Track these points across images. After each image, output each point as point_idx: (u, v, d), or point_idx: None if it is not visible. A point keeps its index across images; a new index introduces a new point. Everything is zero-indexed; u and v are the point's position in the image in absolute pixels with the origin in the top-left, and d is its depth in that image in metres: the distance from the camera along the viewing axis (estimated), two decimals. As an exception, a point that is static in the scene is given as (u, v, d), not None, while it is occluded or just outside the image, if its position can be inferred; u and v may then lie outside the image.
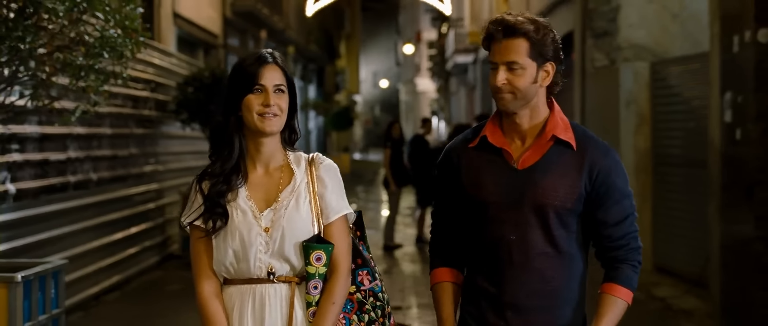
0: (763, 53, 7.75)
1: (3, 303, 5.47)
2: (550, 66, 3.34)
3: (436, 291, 3.51)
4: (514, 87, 3.29)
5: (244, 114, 3.29)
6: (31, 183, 8.67)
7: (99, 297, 10.20)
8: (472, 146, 3.45)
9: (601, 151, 3.36)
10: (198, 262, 3.33)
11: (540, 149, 3.36)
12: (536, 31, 3.29)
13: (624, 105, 11.66)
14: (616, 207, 3.34)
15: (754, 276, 7.85)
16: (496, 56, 3.32)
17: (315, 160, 3.43)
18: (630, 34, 12.54)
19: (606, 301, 3.34)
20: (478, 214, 3.40)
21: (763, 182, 7.80)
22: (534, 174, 3.34)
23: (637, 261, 3.39)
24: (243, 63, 3.32)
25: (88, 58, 5.70)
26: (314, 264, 3.30)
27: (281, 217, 3.29)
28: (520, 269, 3.34)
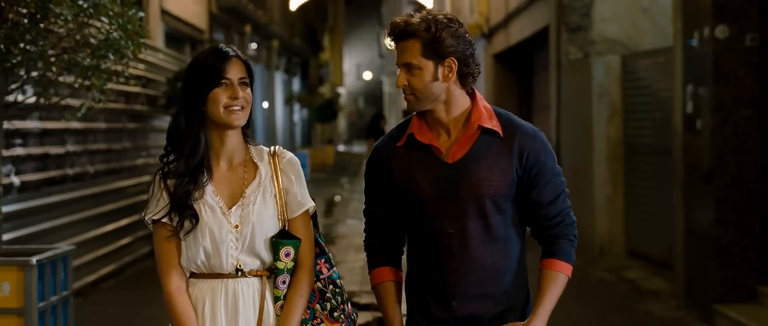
0: (721, 49, 8.30)
1: (20, 285, 5.97)
2: (451, 62, 3.32)
3: (379, 292, 3.54)
4: (414, 87, 3.34)
5: (209, 108, 3.27)
6: (33, 176, 9.15)
7: (96, 285, 10.68)
8: (400, 144, 3.47)
9: (529, 134, 3.40)
10: (165, 258, 3.32)
11: (467, 141, 3.39)
12: (427, 29, 3.29)
13: (596, 97, 12.19)
14: (549, 187, 3.40)
15: (714, 256, 8.40)
16: (397, 58, 3.37)
17: (277, 153, 3.43)
18: (603, 28, 13.04)
19: (547, 276, 3.41)
20: (415, 211, 3.43)
21: (720, 169, 8.36)
22: (465, 166, 3.37)
23: (573, 235, 3.47)
24: (205, 57, 3.30)
25: (94, 58, 6.19)
26: (283, 260, 3.33)
27: (250, 213, 3.31)
28: (461, 259, 3.38)
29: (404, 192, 3.43)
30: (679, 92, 9.14)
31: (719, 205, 8.36)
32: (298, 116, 42.34)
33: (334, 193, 24.41)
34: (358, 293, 10.02)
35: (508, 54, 19.64)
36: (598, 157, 12.11)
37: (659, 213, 10.96)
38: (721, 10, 8.29)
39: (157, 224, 3.32)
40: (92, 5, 6.12)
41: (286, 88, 38.36)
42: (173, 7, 17.44)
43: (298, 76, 42.90)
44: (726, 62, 8.30)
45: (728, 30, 8.28)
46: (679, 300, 9.20)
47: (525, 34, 16.86)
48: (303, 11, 37.64)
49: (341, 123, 66.12)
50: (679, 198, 9.21)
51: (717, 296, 8.36)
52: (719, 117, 8.33)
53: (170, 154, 3.35)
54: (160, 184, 3.33)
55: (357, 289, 10.33)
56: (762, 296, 8.26)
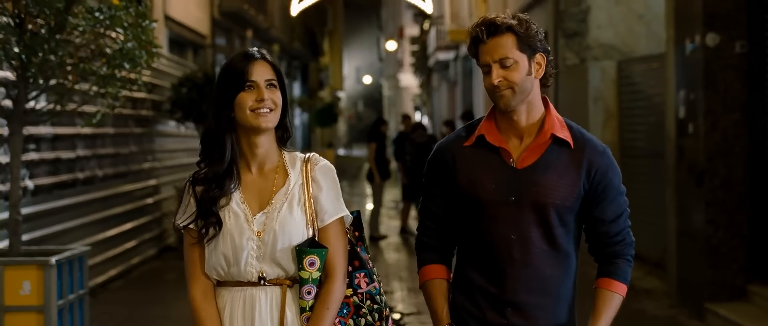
0: (711, 55, 8.60)
1: (40, 283, 6.26)
2: (540, 57, 3.33)
3: (428, 288, 3.48)
4: (511, 82, 3.27)
5: (236, 113, 3.24)
6: (45, 180, 9.44)
7: (105, 285, 10.96)
8: (468, 144, 3.43)
9: (599, 150, 3.38)
10: (191, 265, 3.29)
11: (539, 148, 3.35)
12: (520, 24, 3.28)
13: (592, 101, 12.48)
14: (613, 205, 3.37)
15: (705, 256, 8.70)
16: (486, 57, 3.30)
17: (310, 160, 3.36)
18: (599, 34, 13.34)
19: (603, 296, 3.38)
20: (476, 213, 3.38)
21: (711, 171, 8.65)
22: (534, 173, 3.33)
23: (631, 255, 3.44)
24: (232, 62, 3.27)
25: (110, 67, 6.49)
26: (307, 269, 3.24)
27: (273, 221, 3.25)
28: (520, 267, 3.34)
29: (467, 193, 3.38)
30: (672, 97, 9.44)
31: (710, 207, 8.65)
32: (299, 120, 42.63)
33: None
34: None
35: (506, 58, 19.91)
36: (594, 160, 12.38)
37: (654, 215, 11.23)
38: (712, 19, 8.59)
39: (185, 230, 3.29)
40: (108, 17, 6.42)
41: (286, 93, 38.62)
42: (176, 13, 17.72)
43: (298, 80, 43.19)
44: (716, 68, 8.59)
45: (718, 37, 8.58)
46: (671, 298, 9.49)
47: (523, 40, 17.15)
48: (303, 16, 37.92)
49: (341, 126, 66.38)
50: (671, 200, 9.51)
51: (708, 294, 8.65)
52: (709, 121, 8.63)
53: (204, 159, 3.32)
54: (189, 190, 3.30)
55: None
56: (751, 294, 8.55)
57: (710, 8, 8.58)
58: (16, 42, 6.24)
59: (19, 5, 6.22)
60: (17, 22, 6.25)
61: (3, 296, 6.24)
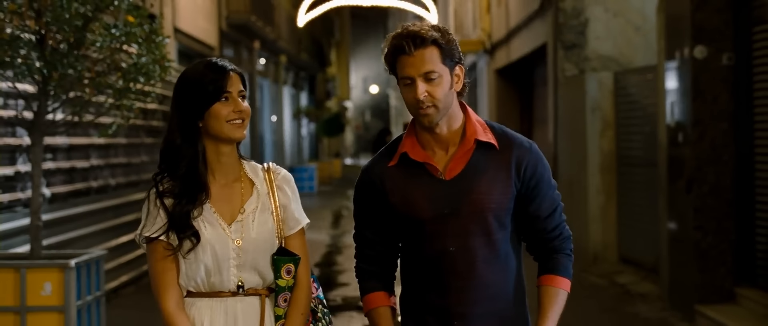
0: (699, 67, 8.96)
1: (60, 285, 6.64)
2: (459, 69, 3.28)
3: (374, 317, 3.43)
4: (435, 98, 3.22)
5: (209, 124, 3.22)
6: (61, 188, 9.83)
7: (117, 291, 11.33)
8: (392, 165, 3.37)
9: (525, 147, 3.35)
10: (162, 277, 3.23)
11: (464, 156, 3.31)
12: (442, 36, 3.23)
13: (590, 111, 12.84)
14: (547, 200, 3.35)
15: (694, 260, 9.05)
16: (409, 69, 3.23)
17: (272, 169, 3.39)
18: (597, 46, 13.68)
19: (548, 293, 3.35)
20: (415, 231, 3.33)
21: (699, 179, 9.01)
22: (465, 182, 3.29)
23: (570, 249, 3.41)
24: (203, 73, 3.23)
25: (126, 81, 6.88)
26: (284, 277, 3.29)
27: (250, 230, 3.27)
28: (464, 278, 3.30)
29: (402, 213, 3.34)
30: (663, 107, 9.80)
31: (698, 213, 9.01)
32: (306, 130, 43.00)
33: (341, 206, 25.10)
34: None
35: (509, 69, 20.29)
36: (591, 169, 12.75)
37: (649, 222, 11.57)
38: (700, 32, 8.96)
39: (153, 242, 3.24)
40: (124, 33, 6.81)
41: (294, 103, 39.03)
42: (185, 25, 18.11)
43: (305, 91, 43.58)
44: (704, 80, 8.96)
45: (706, 50, 8.94)
46: (664, 301, 9.85)
47: (525, 51, 17.52)
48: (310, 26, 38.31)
49: (348, 136, 66.77)
50: (663, 207, 9.87)
51: (697, 297, 9.00)
52: (698, 131, 8.99)
53: (164, 172, 3.28)
54: (155, 203, 3.24)
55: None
56: (739, 297, 8.90)
57: (699, 22, 8.95)
58: (37, 57, 6.62)
59: (40, 22, 6.60)
60: (38, 38, 6.64)
61: (25, 296, 6.62)
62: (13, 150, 8.67)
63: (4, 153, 8.49)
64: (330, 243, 16.83)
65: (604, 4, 13.56)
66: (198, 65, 3.28)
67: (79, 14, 6.64)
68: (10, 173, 8.59)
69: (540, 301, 3.36)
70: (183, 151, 3.24)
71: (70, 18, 6.59)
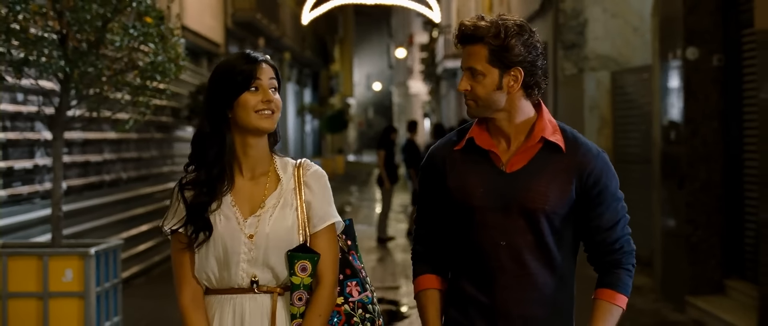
0: (691, 68, 9.32)
1: (80, 272, 7.00)
2: (517, 71, 3.15)
3: (422, 299, 3.36)
4: (475, 95, 3.19)
5: (238, 113, 3.17)
6: (76, 181, 10.19)
7: (129, 281, 11.71)
8: (458, 148, 3.31)
9: (592, 154, 3.26)
10: (180, 269, 3.21)
11: (528, 152, 3.22)
12: (496, 36, 3.12)
13: (588, 109, 13.20)
14: (609, 211, 3.25)
15: (685, 254, 9.42)
16: (461, 60, 3.24)
17: (303, 165, 3.29)
18: (596, 45, 14.03)
19: (603, 308, 3.24)
20: (466, 219, 3.26)
21: (691, 175, 9.38)
22: (523, 178, 3.20)
23: (632, 264, 3.30)
24: (233, 62, 3.19)
25: (142, 79, 7.25)
26: (299, 275, 3.18)
27: (265, 224, 3.18)
28: (512, 276, 3.21)
29: (457, 198, 3.27)
30: (657, 106, 10.16)
31: (690, 208, 9.38)
32: (310, 126, 43.34)
33: (344, 201, 25.53)
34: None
35: (511, 67, 20.60)
36: (589, 166, 13.08)
37: (645, 217, 11.91)
38: (692, 34, 9.32)
39: (173, 235, 3.21)
40: (141, 33, 7.17)
41: (298, 99, 39.38)
42: (192, 22, 18.44)
43: (309, 88, 43.92)
44: (695, 80, 9.32)
45: (698, 51, 9.30)
46: (657, 293, 10.21)
47: (526, 50, 17.84)
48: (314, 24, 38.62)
49: (351, 133, 67.09)
50: (657, 202, 10.23)
51: (688, 288, 9.36)
52: (690, 129, 9.35)
53: (192, 162, 3.24)
54: (178, 195, 3.23)
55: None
56: (728, 288, 9.26)
57: (690, 25, 9.31)
58: (59, 56, 6.98)
59: (62, 23, 6.96)
60: (60, 38, 7.00)
61: (48, 283, 6.98)
62: (32, 144, 9.03)
63: (23, 147, 8.85)
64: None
65: (603, 5, 13.90)
66: (232, 55, 3.24)
67: (99, 15, 6.99)
68: (30, 166, 8.95)
69: (592, 315, 3.24)
70: (210, 141, 3.18)
71: (91, 19, 6.94)
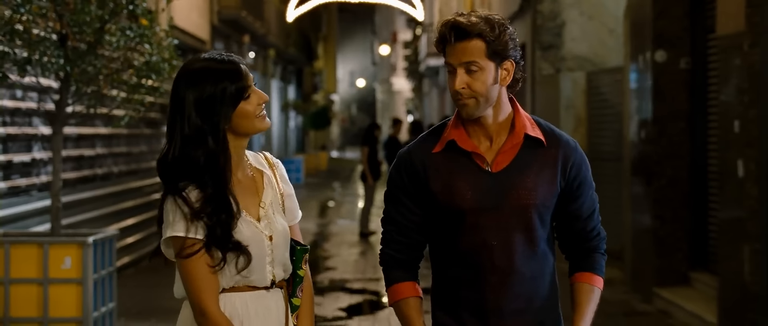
0: (659, 71, 9.80)
1: (79, 260, 7.40)
2: (509, 64, 3.19)
3: (404, 309, 3.31)
4: (475, 91, 3.15)
5: (239, 123, 3.09)
6: (70, 175, 10.59)
7: (120, 271, 12.10)
8: (437, 151, 3.28)
9: (572, 146, 3.31)
10: (204, 279, 3.06)
11: (512, 150, 3.22)
12: (492, 30, 3.13)
13: (564, 109, 13.66)
14: (588, 201, 3.31)
15: (653, 247, 9.89)
16: (451, 57, 3.17)
17: (270, 159, 3.31)
18: (573, 46, 14.49)
19: (584, 290, 3.32)
20: (455, 222, 3.24)
21: (658, 172, 9.87)
22: (511, 176, 3.21)
23: (604, 249, 3.38)
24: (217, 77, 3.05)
25: (139, 77, 7.66)
26: (304, 268, 3.24)
27: (276, 223, 3.19)
28: (504, 274, 3.22)
29: (442, 202, 3.24)
30: (628, 106, 10.64)
31: (657, 203, 9.85)
32: (293, 123, 43.68)
33: (327, 197, 25.99)
34: (351, 280, 11.64)
35: (491, 67, 21.06)
36: (565, 163, 13.55)
37: (618, 212, 12.39)
38: (660, 38, 9.80)
39: (186, 245, 3.07)
40: (137, 34, 7.58)
41: (282, 96, 39.70)
42: (179, 20, 18.75)
43: (293, 84, 44.26)
44: (663, 82, 9.80)
45: (666, 55, 9.78)
46: (626, 285, 10.69)
47: (506, 49, 18.30)
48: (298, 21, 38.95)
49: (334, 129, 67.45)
50: (627, 198, 10.71)
51: (655, 280, 9.84)
52: (657, 128, 9.83)
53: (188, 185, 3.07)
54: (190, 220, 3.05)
55: (350, 277, 11.94)
56: (693, 280, 9.75)
57: (659, 29, 9.79)
58: (59, 56, 7.38)
59: (62, 24, 7.36)
60: (61, 38, 7.40)
61: (48, 270, 7.38)
62: (30, 139, 9.42)
63: (22, 141, 9.25)
64: (317, 232, 17.77)
65: (580, 7, 14.36)
66: (208, 66, 3.07)
67: (97, 17, 7.40)
68: (27, 160, 9.34)
69: (575, 298, 3.32)
70: (213, 158, 3.06)
71: (90, 21, 7.34)
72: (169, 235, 3.10)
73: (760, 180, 7.36)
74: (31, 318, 7.36)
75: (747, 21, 7.43)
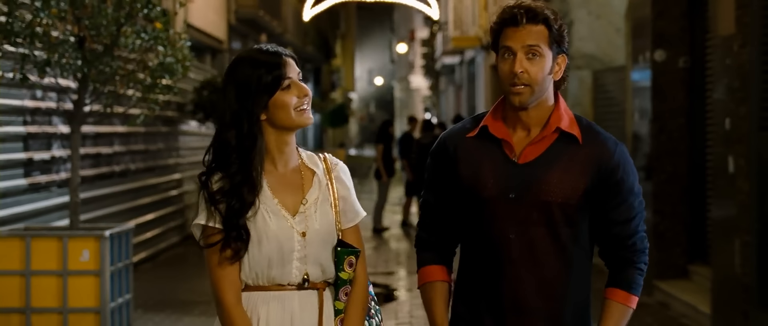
0: (659, 69, 10.08)
1: (96, 253, 7.76)
2: (561, 58, 3.18)
3: (427, 292, 3.27)
4: (533, 78, 3.07)
5: (275, 114, 3.09)
6: (88, 172, 10.95)
7: (137, 266, 12.46)
8: (471, 136, 3.23)
9: (610, 146, 3.19)
10: (221, 271, 3.11)
11: (543, 142, 3.14)
12: (555, 19, 3.11)
13: (571, 106, 13.83)
14: (625, 205, 3.16)
15: (652, 241, 10.09)
16: (513, 40, 3.08)
17: (328, 160, 3.27)
18: (581, 45, 14.73)
19: (612, 308, 3.18)
20: (476, 210, 3.17)
21: (658, 168, 10.15)
22: (536, 169, 3.12)
23: (644, 262, 3.23)
24: (255, 62, 3.10)
25: (153, 78, 8.01)
26: (347, 270, 3.17)
27: (314, 221, 3.15)
28: (522, 269, 3.12)
29: (466, 187, 3.18)
30: (630, 104, 10.92)
31: (656, 198, 10.13)
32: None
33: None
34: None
35: (504, 65, 21.34)
36: (572, 159, 13.85)
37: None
38: (660, 38, 10.08)
39: (207, 234, 3.14)
40: (152, 37, 7.93)
41: (300, 94, 39.97)
42: (196, 19, 19.09)
43: (311, 82, 44.57)
44: (663, 80, 10.08)
45: (665, 54, 10.06)
46: (629, 278, 10.97)
47: (516, 49, 18.58)
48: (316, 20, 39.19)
49: (353, 127, 67.75)
50: (629, 193, 11.00)
51: (655, 273, 10.10)
52: (657, 125, 10.11)
53: (214, 170, 3.15)
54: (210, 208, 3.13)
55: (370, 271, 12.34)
56: (691, 273, 10.03)
57: (659, 29, 10.07)
58: (77, 57, 7.72)
59: (80, 27, 7.71)
60: (79, 41, 7.74)
61: (67, 262, 7.74)
62: (49, 137, 9.78)
63: (42, 139, 9.61)
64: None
65: (588, 6, 14.60)
66: (246, 55, 3.16)
67: (114, 20, 7.74)
68: (47, 157, 9.70)
69: (604, 314, 3.19)
70: (243, 146, 3.12)
71: (106, 24, 7.70)
72: (194, 222, 3.15)
73: (750, 176, 7.63)
74: (52, 308, 7.73)
75: (737, 22, 7.70)
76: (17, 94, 8.97)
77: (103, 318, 7.76)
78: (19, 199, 9.05)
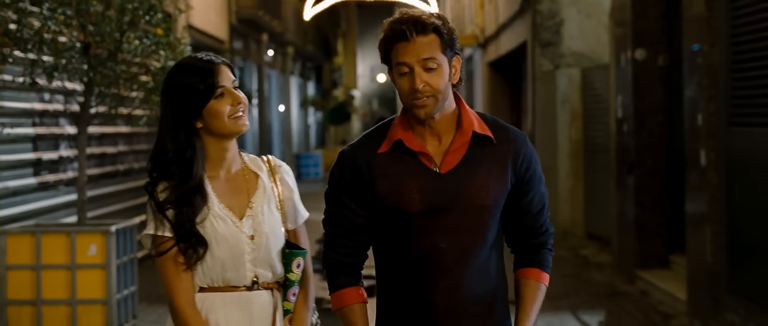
0: (639, 68, 10.52)
1: (103, 247, 8.20)
2: (456, 60, 3.10)
3: (347, 316, 3.19)
4: (435, 89, 3.02)
5: (210, 122, 3.12)
6: (94, 171, 11.39)
7: (142, 262, 12.88)
8: (382, 151, 3.14)
9: (521, 140, 3.19)
10: (174, 274, 3.14)
11: (460, 148, 3.11)
12: (444, 24, 3.04)
13: (560, 103, 14.37)
14: (538, 195, 3.21)
15: (635, 232, 10.61)
16: (407, 56, 3.02)
17: (272, 162, 3.31)
18: (571, 44, 15.15)
19: (531, 287, 3.20)
20: (401, 226, 3.11)
21: (639, 163, 10.60)
22: (461, 176, 3.09)
23: (552, 244, 3.29)
24: (189, 71, 3.12)
25: (155, 81, 8.45)
26: (295, 271, 3.23)
27: (262, 224, 3.19)
28: (454, 276, 3.10)
29: (390, 205, 3.11)
30: (613, 101, 11.36)
31: (638, 192, 10.58)
32: (313, 118, 44.32)
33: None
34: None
35: (500, 62, 21.70)
36: (561, 154, 14.30)
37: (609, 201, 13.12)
38: (640, 37, 10.52)
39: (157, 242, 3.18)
40: (154, 43, 8.37)
41: (301, 92, 40.34)
42: (197, 21, 19.44)
43: (312, 80, 44.92)
44: (643, 78, 10.52)
45: (645, 53, 10.50)
46: (613, 268, 11.41)
47: (510, 47, 18.97)
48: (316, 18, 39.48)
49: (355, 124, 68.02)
50: (613, 187, 11.44)
51: (637, 263, 10.56)
52: (638, 122, 10.56)
53: (158, 179, 3.18)
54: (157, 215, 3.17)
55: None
56: (672, 263, 10.47)
57: (639, 29, 10.52)
58: (83, 62, 8.15)
59: (86, 34, 8.16)
60: (84, 47, 8.18)
61: (75, 256, 8.17)
62: (57, 138, 10.23)
63: (50, 140, 10.05)
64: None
65: (578, 5, 15.01)
66: (182, 64, 3.18)
67: (117, 27, 8.18)
68: (55, 157, 10.15)
69: (521, 294, 3.22)
70: (182, 156, 3.14)
71: (110, 31, 8.14)
72: (144, 233, 3.20)
73: (720, 169, 8.06)
74: (61, 300, 8.15)
75: (706, 23, 8.13)
76: (26, 98, 9.43)
77: (109, 309, 8.20)
78: (29, 197, 9.50)
